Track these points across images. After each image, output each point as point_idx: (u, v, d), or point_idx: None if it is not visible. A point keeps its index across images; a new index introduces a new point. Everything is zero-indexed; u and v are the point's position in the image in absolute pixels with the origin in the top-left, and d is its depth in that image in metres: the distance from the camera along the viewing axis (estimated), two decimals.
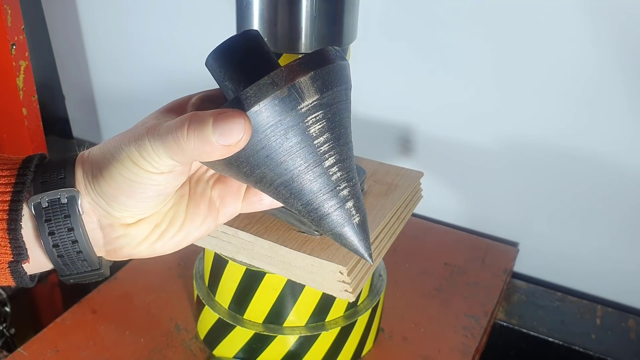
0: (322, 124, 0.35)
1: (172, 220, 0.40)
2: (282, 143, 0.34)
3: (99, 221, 0.38)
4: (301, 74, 0.33)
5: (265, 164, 0.35)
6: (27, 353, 0.72)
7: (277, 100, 0.33)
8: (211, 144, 0.33)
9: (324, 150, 0.35)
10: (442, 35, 0.92)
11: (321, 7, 0.54)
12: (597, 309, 0.89)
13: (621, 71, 0.82)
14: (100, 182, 0.36)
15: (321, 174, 0.36)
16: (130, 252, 0.40)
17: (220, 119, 0.32)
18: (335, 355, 0.70)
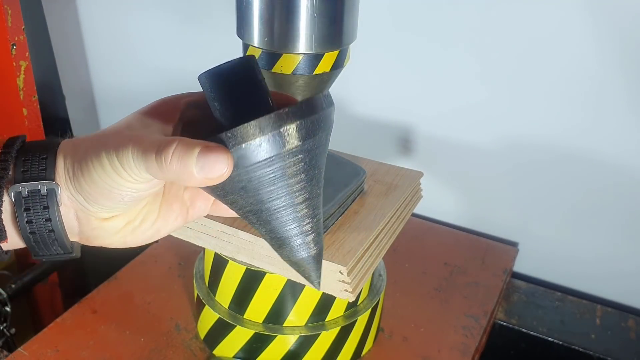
0: (299, 167, 0.37)
1: (145, 217, 0.42)
2: (259, 180, 0.36)
3: (76, 213, 0.40)
4: (288, 122, 0.35)
5: (238, 194, 0.37)
6: (27, 353, 0.72)
7: (262, 144, 0.35)
8: (191, 174, 0.34)
9: (295, 189, 0.37)
10: (442, 35, 0.92)
11: (321, 7, 0.54)
12: (597, 309, 0.89)
13: (623, 73, 0.82)
14: (80, 182, 0.38)
15: (289, 209, 0.38)
16: (102, 242, 0.41)
17: (205, 153, 0.34)
18: (335, 354, 0.70)
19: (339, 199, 0.65)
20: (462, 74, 0.93)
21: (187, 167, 0.34)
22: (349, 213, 0.67)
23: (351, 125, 1.06)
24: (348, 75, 0.70)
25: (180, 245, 0.90)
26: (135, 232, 0.42)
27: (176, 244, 0.91)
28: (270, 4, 0.55)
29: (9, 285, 1.17)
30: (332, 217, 0.64)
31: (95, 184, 0.37)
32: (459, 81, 0.94)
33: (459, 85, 0.94)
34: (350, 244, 0.61)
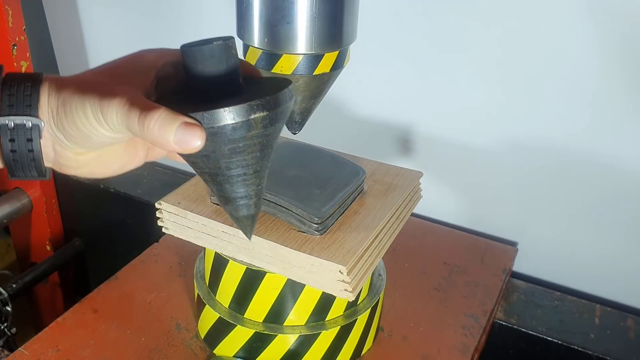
0: (257, 146, 0.44)
1: (113, 155, 0.47)
2: (222, 152, 0.43)
3: (54, 146, 0.45)
4: (257, 113, 0.41)
5: (201, 159, 0.44)
6: (28, 352, 0.72)
7: (232, 128, 0.41)
8: (168, 142, 0.40)
9: (250, 162, 0.44)
10: (443, 35, 0.92)
11: (321, 7, 0.55)
12: (596, 309, 0.90)
13: (624, 75, 0.82)
14: (63, 124, 0.43)
15: (241, 177, 0.45)
16: (73, 172, 0.47)
17: (184, 128, 0.40)
18: (335, 354, 0.70)
19: (339, 199, 0.65)
20: (462, 75, 0.93)
21: (166, 136, 0.40)
22: (349, 213, 0.67)
23: (351, 125, 1.06)
24: (348, 75, 0.70)
25: (180, 245, 0.90)
26: (103, 166, 0.47)
27: (177, 244, 0.91)
28: (270, 5, 0.55)
29: (10, 285, 1.18)
30: (332, 217, 0.64)
31: (78, 128, 0.42)
32: (459, 81, 0.94)
33: (459, 85, 0.94)
34: (350, 244, 0.61)
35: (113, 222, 1.27)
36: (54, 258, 1.28)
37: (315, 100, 0.62)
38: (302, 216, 0.62)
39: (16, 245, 1.36)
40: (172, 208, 0.67)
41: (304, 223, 0.62)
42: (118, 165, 0.48)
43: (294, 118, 0.63)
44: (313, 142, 0.79)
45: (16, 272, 1.26)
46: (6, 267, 1.42)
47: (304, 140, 0.79)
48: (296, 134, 0.65)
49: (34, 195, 1.25)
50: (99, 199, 1.24)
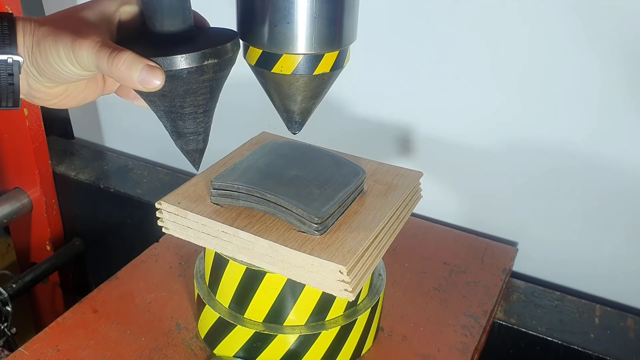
0: (207, 89, 0.51)
1: (76, 88, 0.54)
2: (177, 92, 0.50)
3: (28, 80, 0.51)
4: (209, 59, 0.49)
5: (158, 98, 0.51)
6: (28, 352, 0.72)
7: (188, 72, 0.49)
8: (132, 80, 0.48)
9: (200, 102, 0.52)
10: (443, 36, 0.92)
11: (321, 7, 0.55)
12: (596, 309, 0.90)
13: (625, 74, 0.82)
14: (38, 61, 0.49)
15: (192, 115, 0.53)
16: (44, 103, 0.54)
17: (147, 70, 0.47)
18: (335, 354, 0.70)
19: (339, 199, 0.65)
20: (462, 75, 0.93)
21: (131, 75, 0.47)
22: (349, 213, 0.67)
23: (351, 125, 1.06)
24: (348, 75, 0.70)
25: (180, 245, 0.90)
26: (69, 98, 0.55)
27: (177, 244, 0.91)
28: (270, 5, 0.55)
29: (10, 285, 1.18)
30: (332, 217, 0.64)
31: (51, 66, 0.49)
32: (459, 82, 0.94)
33: (459, 85, 0.94)
34: (350, 244, 0.61)
35: (113, 222, 1.27)
36: (54, 258, 1.28)
37: (315, 100, 0.62)
38: (302, 216, 0.62)
39: (16, 245, 1.37)
40: (172, 208, 0.67)
41: (304, 223, 0.62)
42: (82, 97, 0.55)
43: (294, 118, 0.63)
44: (313, 142, 0.79)
45: (16, 272, 1.26)
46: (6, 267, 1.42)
47: (304, 140, 0.79)
48: (296, 134, 0.65)
49: (34, 195, 1.25)
50: (99, 199, 1.24)
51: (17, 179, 1.25)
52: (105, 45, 0.48)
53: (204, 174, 0.73)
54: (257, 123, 0.97)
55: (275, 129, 0.84)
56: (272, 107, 0.64)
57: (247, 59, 0.60)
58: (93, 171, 1.25)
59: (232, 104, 1.16)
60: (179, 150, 0.56)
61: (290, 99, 0.61)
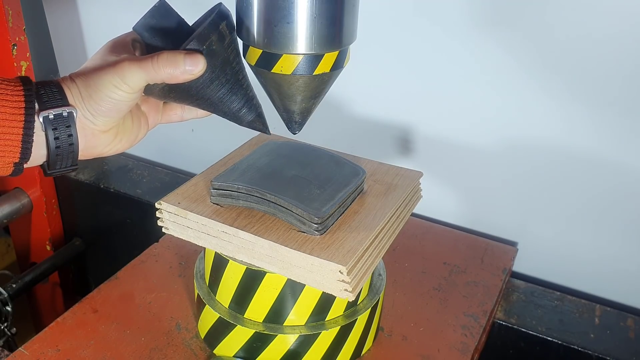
0: (234, 52, 0.56)
1: (125, 129, 0.57)
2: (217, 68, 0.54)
3: (84, 130, 0.53)
4: (220, 24, 0.54)
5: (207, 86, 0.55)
6: (28, 352, 0.72)
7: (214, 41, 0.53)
8: (181, 71, 0.51)
9: (237, 68, 0.56)
10: (443, 36, 0.92)
11: (321, 7, 0.55)
12: (596, 309, 0.90)
13: (623, 73, 0.82)
14: (91, 103, 0.52)
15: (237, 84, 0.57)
16: (99, 152, 0.57)
17: (188, 55, 0.52)
18: (335, 354, 0.70)
19: (339, 199, 0.65)
20: (462, 75, 0.93)
21: (178, 68, 0.51)
22: (349, 213, 0.67)
23: (351, 125, 1.06)
24: (348, 75, 0.70)
25: (180, 245, 0.90)
26: (121, 141, 0.57)
27: (177, 244, 0.91)
28: (270, 5, 0.55)
29: (10, 284, 1.18)
30: (332, 217, 0.64)
31: (104, 100, 0.52)
32: (459, 82, 0.94)
33: (459, 85, 0.94)
34: (350, 244, 0.61)
35: (113, 222, 1.27)
36: (54, 258, 1.28)
37: (315, 100, 0.62)
38: (302, 216, 0.62)
39: (16, 245, 1.36)
40: (172, 208, 0.67)
41: (304, 223, 0.62)
42: (131, 139, 0.58)
43: (294, 118, 0.63)
44: (313, 142, 0.79)
45: (16, 272, 1.26)
46: (6, 267, 1.42)
47: (304, 140, 0.79)
48: (296, 134, 0.65)
49: (34, 195, 1.25)
50: (99, 199, 1.24)
51: (17, 179, 1.25)
52: (140, 59, 0.52)
53: (204, 174, 0.73)
54: None
55: (275, 129, 0.84)
56: (272, 107, 0.64)
57: (247, 59, 0.60)
58: (93, 171, 1.25)
59: None
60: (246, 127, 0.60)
61: (290, 99, 0.61)
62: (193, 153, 1.27)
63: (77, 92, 0.52)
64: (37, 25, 1.27)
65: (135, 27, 0.55)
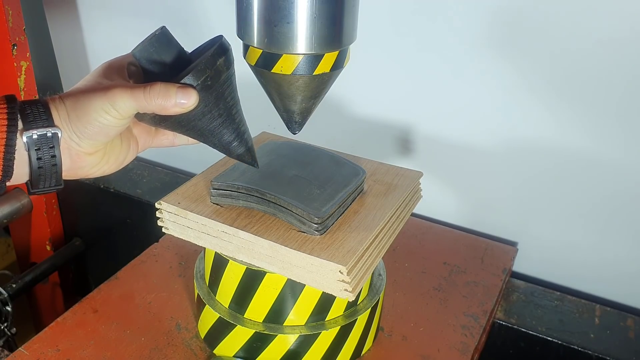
0: (230, 88, 0.55)
1: (113, 151, 0.57)
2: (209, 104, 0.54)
3: (70, 151, 0.53)
4: (218, 59, 0.53)
5: (198, 119, 0.54)
6: (28, 352, 0.72)
7: (210, 77, 0.53)
8: (171, 105, 0.51)
9: (231, 104, 0.55)
10: (443, 36, 0.92)
11: (321, 7, 0.55)
12: (596, 309, 0.90)
13: (625, 74, 0.82)
14: (78, 126, 0.51)
15: (230, 118, 0.56)
16: (85, 173, 0.56)
17: (181, 89, 0.51)
18: (335, 354, 0.70)
19: (339, 199, 0.65)
20: (462, 75, 0.93)
21: (170, 101, 0.51)
22: (349, 213, 0.67)
23: (351, 125, 1.06)
24: (348, 75, 0.70)
25: (180, 245, 0.90)
26: (108, 163, 0.56)
27: (177, 244, 0.91)
28: (270, 5, 0.55)
29: (10, 285, 1.18)
30: (332, 217, 0.64)
31: (92, 124, 0.51)
32: (459, 82, 0.94)
33: (459, 85, 0.94)
34: (350, 244, 0.61)
35: (113, 222, 1.27)
36: (54, 258, 1.28)
37: (315, 100, 0.62)
38: (302, 216, 0.62)
39: (16, 245, 1.36)
40: (172, 208, 0.67)
41: (304, 223, 0.62)
42: (121, 159, 0.58)
43: (294, 118, 0.63)
44: (313, 142, 0.79)
45: (16, 272, 1.26)
46: (6, 267, 1.42)
47: (304, 140, 0.79)
48: (296, 134, 0.65)
49: (34, 196, 1.25)
50: (99, 199, 1.24)
51: None
52: (133, 87, 0.51)
53: (204, 174, 0.73)
54: (257, 123, 0.97)
55: (275, 129, 0.84)
56: (272, 107, 0.64)
57: (247, 59, 0.60)
58: None
59: None
60: (236, 159, 0.59)
61: (290, 99, 0.61)
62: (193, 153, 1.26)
63: (64, 114, 0.52)
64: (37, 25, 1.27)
65: (134, 52, 0.54)
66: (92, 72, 0.56)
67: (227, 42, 0.55)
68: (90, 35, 1.30)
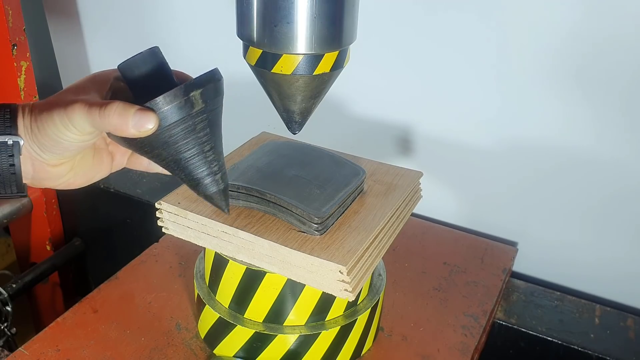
0: (205, 123, 0.50)
1: (82, 165, 0.55)
2: (177, 134, 0.49)
3: (32, 161, 0.51)
4: (194, 90, 0.48)
5: (162, 148, 0.50)
6: (28, 352, 0.72)
7: (178, 107, 0.48)
8: (127, 126, 0.47)
9: (204, 140, 0.51)
10: (443, 36, 0.92)
11: (321, 7, 0.55)
12: (596, 309, 0.90)
13: (625, 74, 0.82)
14: (38, 137, 0.50)
15: (200, 155, 0.51)
16: (50, 184, 0.54)
17: (139, 113, 0.47)
18: (335, 354, 0.70)
19: (339, 199, 0.65)
20: (463, 75, 0.93)
21: (125, 122, 0.47)
22: (349, 213, 0.67)
23: (351, 125, 1.06)
24: (348, 75, 0.70)
25: (180, 245, 0.90)
26: (76, 177, 0.55)
27: (177, 244, 0.91)
28: (270, 5, 0.55)
29: (10, 285, 1.18)
30: (332, 217, 0.64)
31: (50, 137, 0.49)
32: (459, 82, 0.94)
33: (459, 85, 0.94)
34: (350, 244, 0.61)
35: (113, 222, 1.27)
36: (54, 258, 1.28)
37: (315, 100, 0.62)
38: (302, 216, 0.62)
39: (16, 245, 1.36)
40: (172, 208, 0.67)
41: (304, 223, 0.62)
42: (90, 175, 0.56)
43: (294, 118, 0.63)
44: (313, 142, 0.79)
45: (16, 272, 1.26)
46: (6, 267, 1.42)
47: (304, 140, 0.79)
48: (296, 134, 0.65)
49: (34, 195, 1.25)
50: (99, 199, 1.24)
51: None
52: (95, 103, 0.48)
53: None
54: (257, 123, 0.97)
55: (275, 129, 0.84)
56: (272, 107, 0.64)
57: (247, 59, 0.60)
58: None
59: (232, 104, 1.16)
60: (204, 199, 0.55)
61: (290, 99, 0.61)
62: None
63: (28, 123, 0.50)
64: (37, 25, 1.28)
65: (120, 66, 0.51)
66: (78, 81, 0.54)
67: (215, 76, 0.51)
68: (91, 35, 1.30)
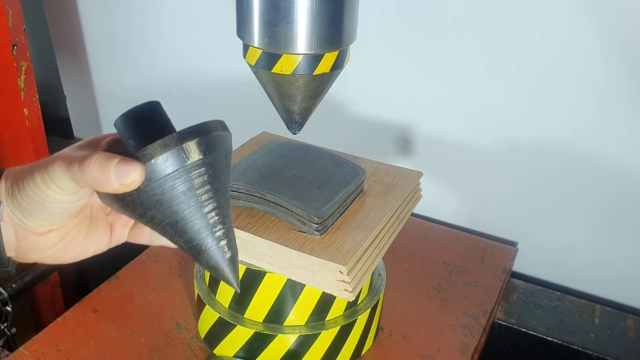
0: (204, 178, 0.42)
1: (75, 235, 0.48)
2: (170, 191, 0.41)
3: (15, 229, 0.45)
4: (188, 139, 0.41)
5: (155, 208, 0.42)
6: (28, 352, 0.72)
7: (168, 158, 0.40)
8: (109, 179, 0.40)
9: (204, 199, 0.42)
10: (443, 37, 0.92)
11: (321, 7, 0.55)
12: (596, 309, 0.90)
13: (626, 74, 0.82)
14: (17, 198, 0.44)
15: (201, 217, 0.43)
16: (37, 257, 0.47)
17: (122, 163, 0.40)
18: (335, 354, 0.70)
19: (339, 199, 0.65)
20: (463, 75, 0.93)
21: (106, 173, 0.40)
22: (349, 213, 0.67)
23: (351, 125, 1.06)
24: (348, 75, 0.70)
25: None
26: (67, 249, 0.48)
27: None
28: (270, 5, 0.55)
29: (10, 284, 1.17)
30: (332, 217, 0.64)
31: (29, 197, 0.43)
32: (459, 82, 0.94)
33: (459, 85, 0.94)
34: (350, 244, 0.61)
35: None
36: None
37: (315, 100, 0.62)
38: (302, 216, 0.62)
39: None
40: None
41: (304, 223, 0.62)
42: (81, 248, 0.49)
43: (294, 118, 0.63)
44: (313, 142, 0.79)
45: (16, 272, 1.25)
46: None
47: (304, 140, 0.79)
48: (296, 134, 0.66)
49: None
50: None
51: None
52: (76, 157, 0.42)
53: None
54: (257, 123, 0.97)
55: (275, 129, 0.84)
56: (272, 107, 0.64)
57: (247, 59, 0.60)
58: None
59: (232, 104, 1.16)
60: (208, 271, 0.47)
61: (290, 99, 0.61)
62: None
63: (9, 185, 0.45)
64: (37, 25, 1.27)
65: (116, 122, 0.45)
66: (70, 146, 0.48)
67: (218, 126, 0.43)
68: (91, 35, 1.30)
